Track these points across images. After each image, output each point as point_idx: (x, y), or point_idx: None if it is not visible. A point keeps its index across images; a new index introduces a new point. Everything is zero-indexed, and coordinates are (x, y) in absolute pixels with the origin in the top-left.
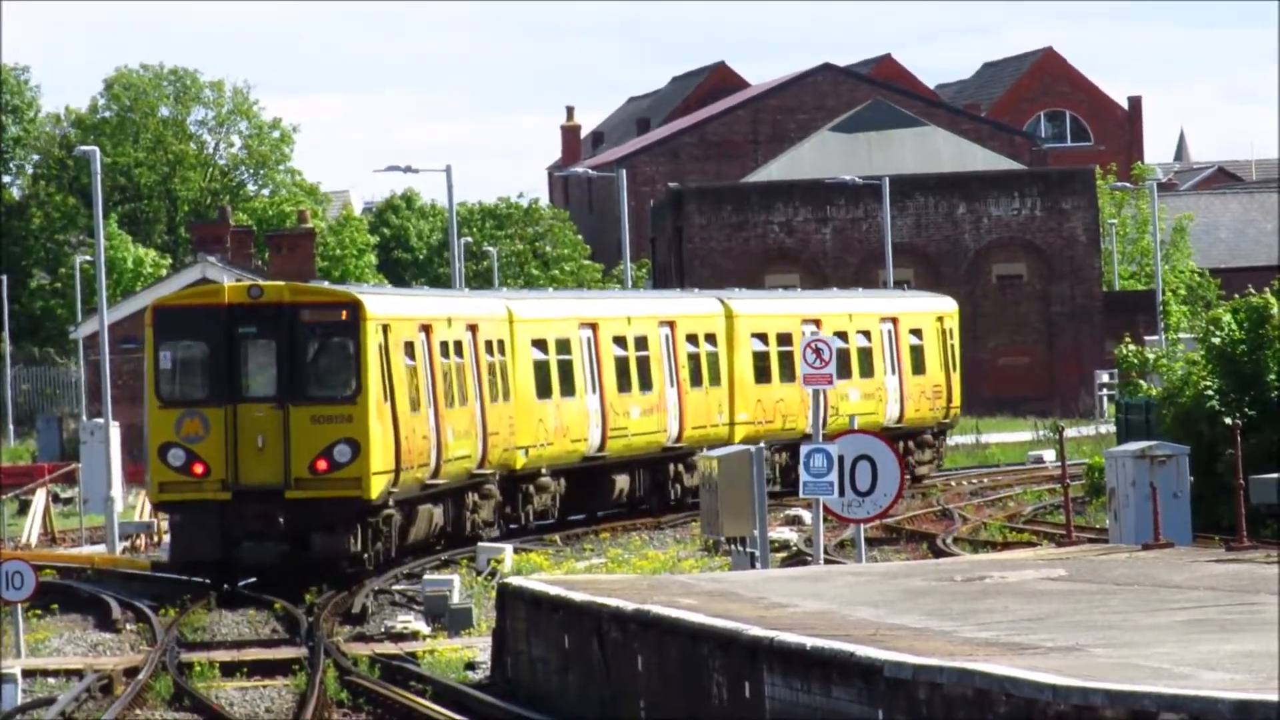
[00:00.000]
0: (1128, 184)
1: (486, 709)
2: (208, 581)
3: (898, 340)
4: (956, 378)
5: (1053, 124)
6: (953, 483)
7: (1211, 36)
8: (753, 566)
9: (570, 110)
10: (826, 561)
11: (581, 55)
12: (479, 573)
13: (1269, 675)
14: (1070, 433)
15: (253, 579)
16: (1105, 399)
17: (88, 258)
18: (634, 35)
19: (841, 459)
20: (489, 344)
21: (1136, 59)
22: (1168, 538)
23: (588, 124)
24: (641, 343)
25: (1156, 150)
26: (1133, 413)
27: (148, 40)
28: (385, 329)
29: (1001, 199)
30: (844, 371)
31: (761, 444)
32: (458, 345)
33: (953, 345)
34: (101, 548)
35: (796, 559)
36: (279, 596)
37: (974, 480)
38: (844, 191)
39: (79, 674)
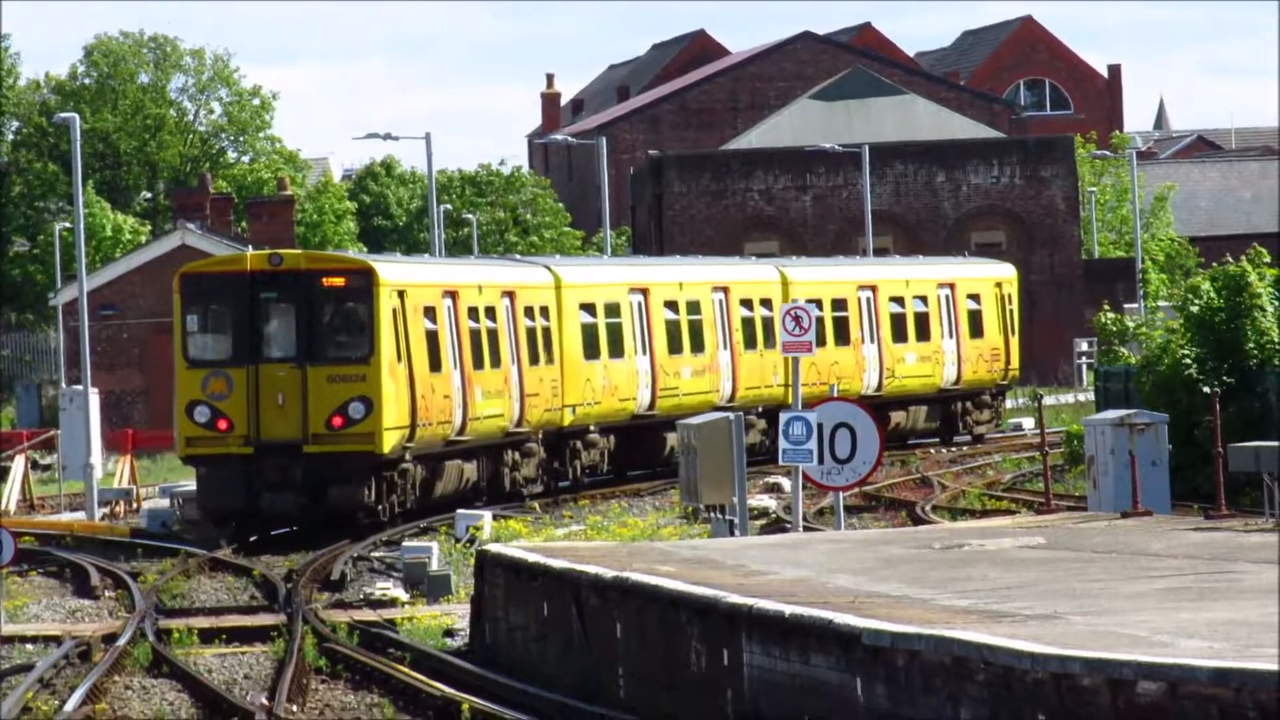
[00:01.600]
0: (1107, 152)
1: (465, 676)
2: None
3: (955, 305)
4: (1015, 341)
5: (1032, 92)
6: (931, 450)
7: (1191, 5)
8: (732, 534)
9: (550, 78)
10: (805, 529)
11: (562, 23)
12: (458, 540)
13: (1247, 643)
14: (1049, 400)
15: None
16: (1084, 367)
17: (67, 225)
18: (614, 3)
19: (821, 426)
20: (529, 309)
21: (1116, 27)
22: (1146, 506)
23: (568, 92)
24: (694, 307)
25: (1136, 119)
26: (1111, 381)
27: (128, 7)
28: (401, 294)
29: (981, 167)
30: (900, 336)
31: (739, 412)
32: (490, 310)
33: (1011, 310)
34: (81, 514)
35: (775, 526)
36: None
37: (953, 448)
38: (823, 159)
39: (57, 640)
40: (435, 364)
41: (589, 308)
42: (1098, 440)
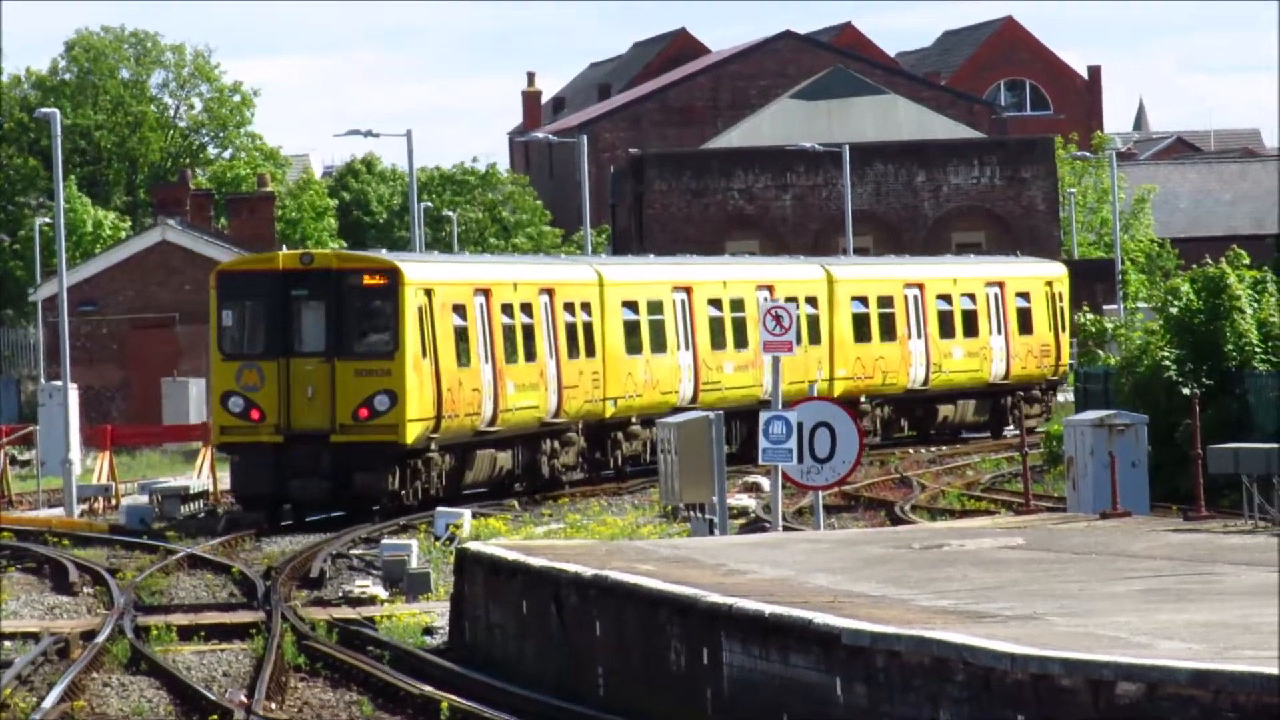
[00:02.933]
0: (1087, 153)
1: (444, 674)
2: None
3: (1004, 303)
4: (1065, 338)
5: (1012, 93)
6: (911, 450)
7: (1170, 6)
8: (711, 533)
9: (531, 75)
10: (785, 528)
11: (543, 20)
12: (437, 537)
13: (1226, 645)
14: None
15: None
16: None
17: (47, 220)
18: (595, 1)
19: (801, 426)
20: (570, 305)
21: (1096, 28)
22: (1126, 507)
23: (549, 89)
24: (738, 305)
25: (1116, 119)
26: (1091, 381)
27: (108, 2)
28: (428, 293)
29: (961, 167)
30: (947, 332)
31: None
32: (526, 307)
33: (1062, 308)
34: (60, 510)
35: (755, 526)
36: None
37: (932, 448)
38: (804, 159)
39: (35, 637)
40: (464, 358)
41: (632, 305)
42: (1077, 441)
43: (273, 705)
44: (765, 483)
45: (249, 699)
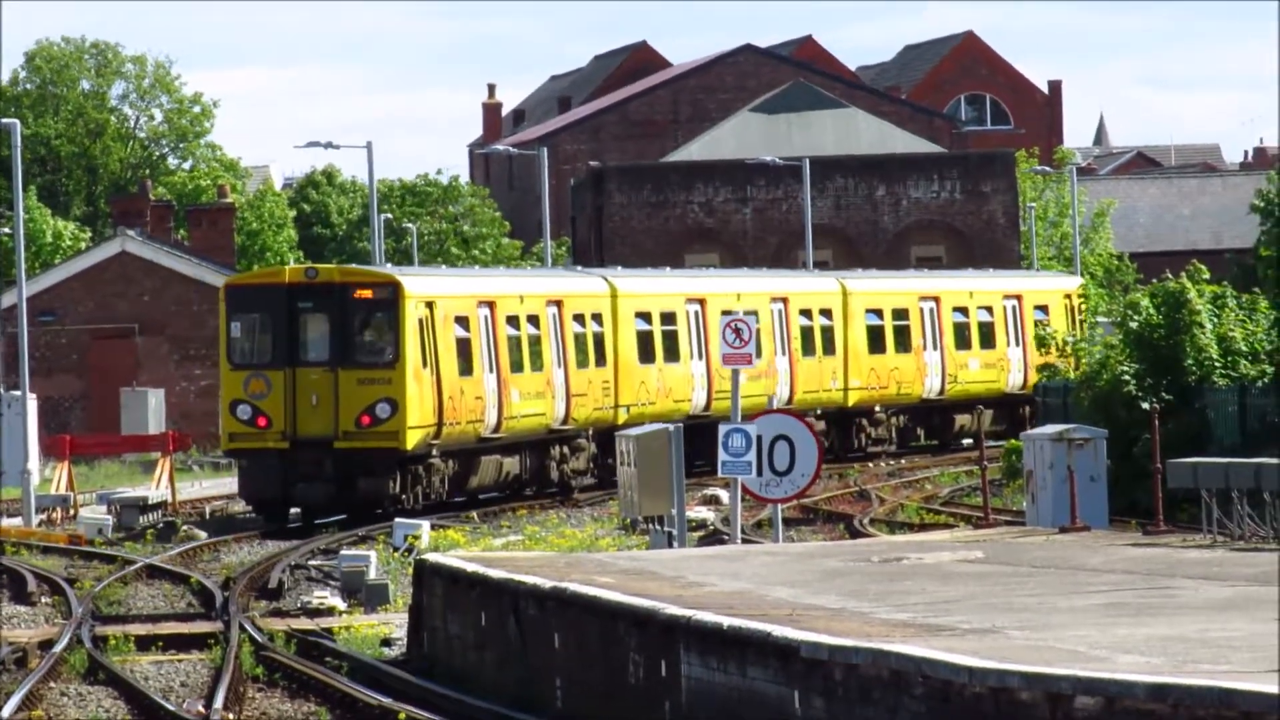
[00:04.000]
0: (1048, 168)
1: (402, 685)
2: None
3: (1022, 315)
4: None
5: (973, 107)
6: (870, 464)
7: (1131, 21)
8: (670, 545)
9: (492, 88)
10: (744, 541)
11: (503, 33)
12: (395, 549)
13: (1184, 659)
14: (989, 414)
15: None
16: None
17: (7, 230)
18: (556, 13)
19: (760, 439)
20: (579, 316)
21: (1056, 43)
22: (1085, 521)
23: (509, 102)
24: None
25: (1076, 134)
26: (1050, 395)
27: (69, 13)
28: (430, 305)
29: (921, 181)
30: (964, 344)
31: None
32: (533, 318)
33: (1081, 320)
34: (18, 520)
35: (714, 538)
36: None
37: (891, 461)
38: (764, 172)
39: None
40: (466, 368)
41: (645, 315)
42: (1036, 455)
43: (230, 716)
44: (724, 495)
45: (207, 709)
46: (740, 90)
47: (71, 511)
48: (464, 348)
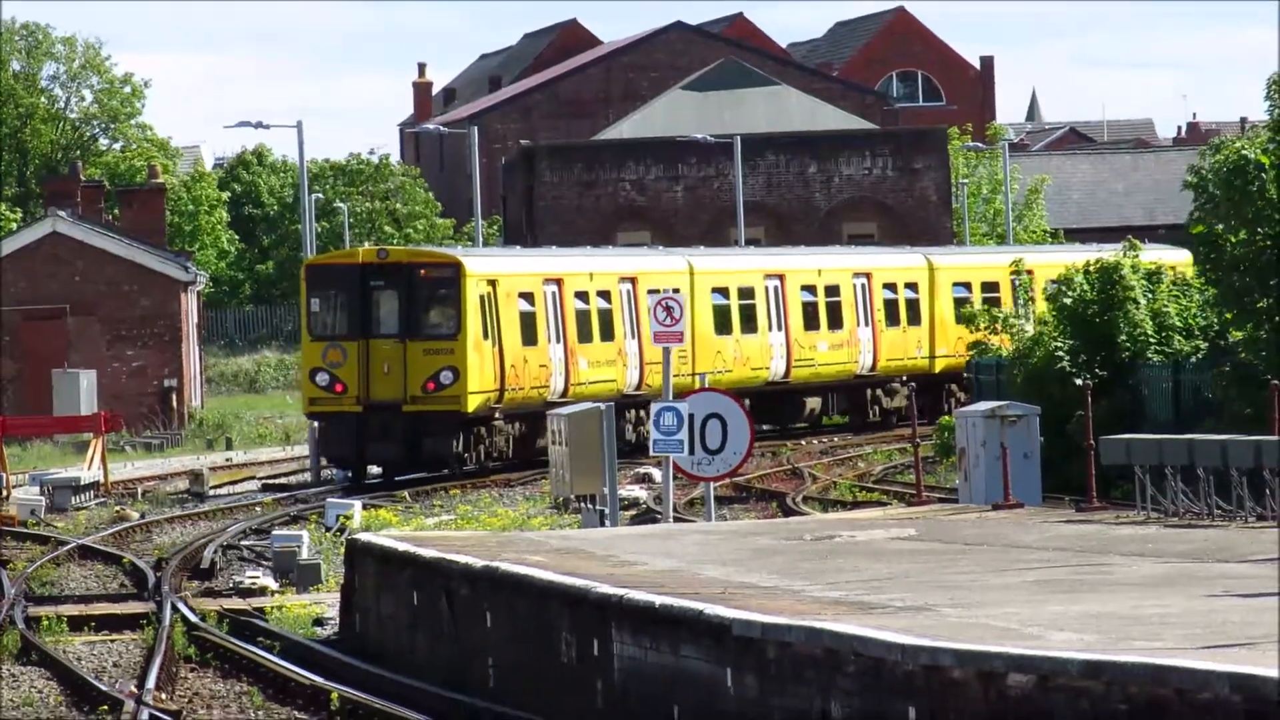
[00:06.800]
0: (980, 144)
1: (334, 665)
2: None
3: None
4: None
5: (905, 84)
6: (803, 441)
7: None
8: (602, 524)
9: (422, 67)
10: (676, 520)
11: (433, 11)
12: (328, 528)
13: (1118, 635)
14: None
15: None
16: None
17: None
18: None
19: (692, 417)
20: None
21: (988, 19)
22: (1018, 498)
23: (439, 81)
24: (833, 290)
25: (1009, 111)
26: (983, 373)
27: None
28: (492, 283)
29: (853, 158)
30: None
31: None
32: (604, 294)
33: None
34: None
35: (646, 517)
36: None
37: (824, 439)
38: (695, 150)
39: None
40: (530, 339)
41: (722, 290)
42: (969, 432)
43: (163, 696)
44: (657, 474)
45: (139, 689)
46: (671, 68)
47: (4, 493)
48: (528, 320)
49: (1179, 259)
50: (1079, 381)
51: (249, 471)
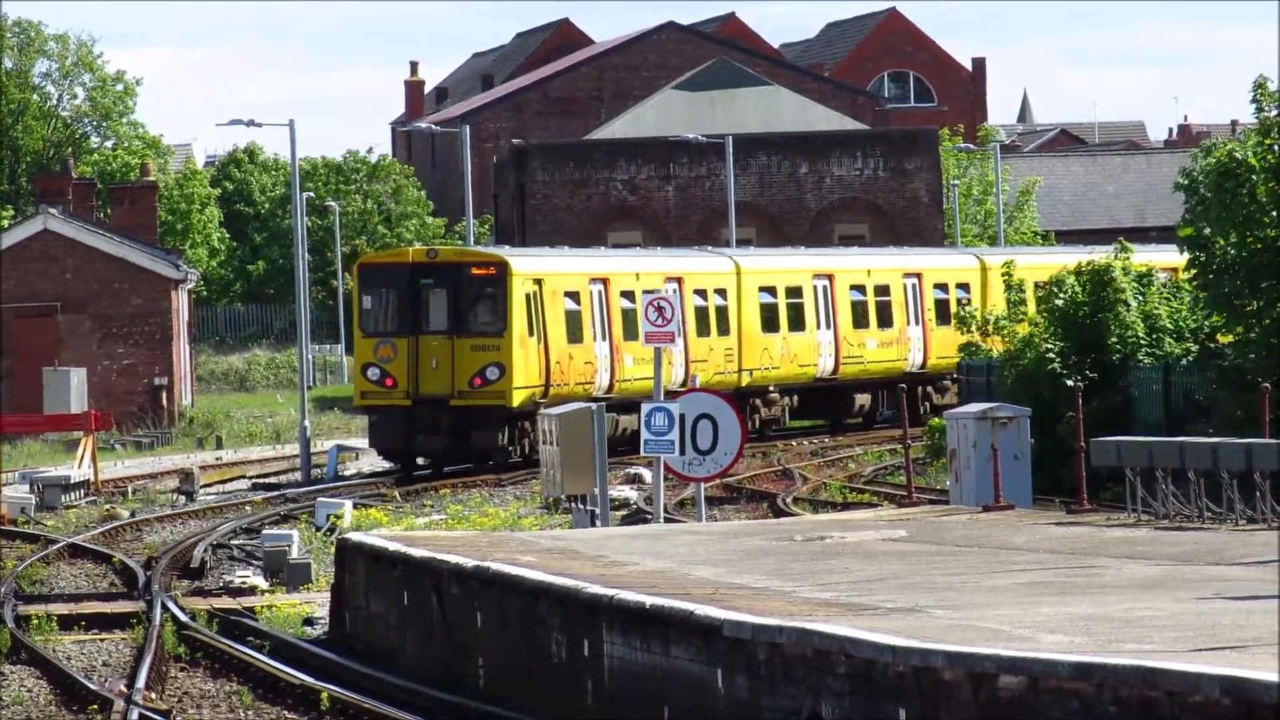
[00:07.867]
0: (971, 145)
1: (324, 664)
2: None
3: None
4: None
5: (896, 84)
6: (794, 442)
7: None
8: (593, 524)
9: (414, 65)
10: (667, 520)
11: (425, 10)
12: (318, 528)
13: (1108, 638)
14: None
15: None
16: None
17: None
18: None
19: (683, 418)
20: (701, 290)
21: (980, 20)
22: (1008, 500)
23: (432, 79)
24: (882, 290)
25: (1000, 112)
26: (974, 374)
27: None
28: (538, 282)
29: (844, 159)
30: None
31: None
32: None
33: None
34: None
35: (637, 517)
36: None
37: (815, 440)
38: (687, 150)
39: None
40: (576, 336)
41: (769, 289)
42: (960, 434)
43: (153, 695)
44: (647, 474)
45: (129, 689)
46: (663, 68)
47: None
48: (574, 319)
49: (1180, 260)
50: (1070, 383)
51: (239, 470)
